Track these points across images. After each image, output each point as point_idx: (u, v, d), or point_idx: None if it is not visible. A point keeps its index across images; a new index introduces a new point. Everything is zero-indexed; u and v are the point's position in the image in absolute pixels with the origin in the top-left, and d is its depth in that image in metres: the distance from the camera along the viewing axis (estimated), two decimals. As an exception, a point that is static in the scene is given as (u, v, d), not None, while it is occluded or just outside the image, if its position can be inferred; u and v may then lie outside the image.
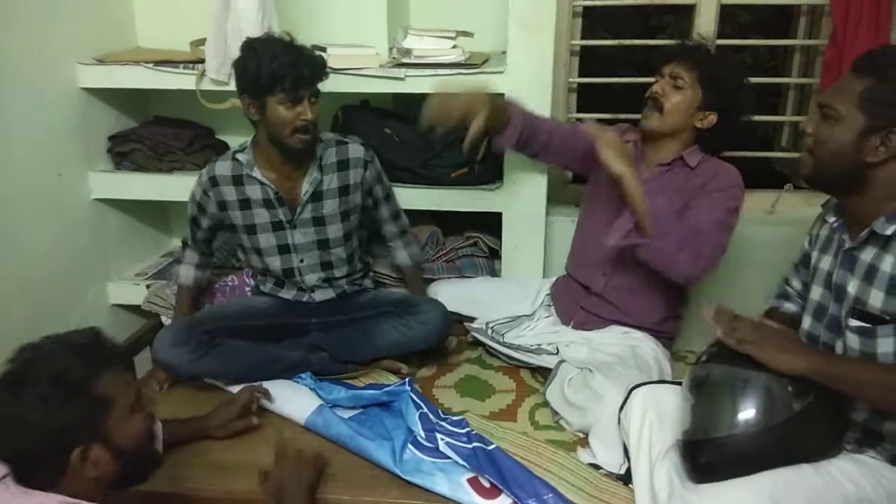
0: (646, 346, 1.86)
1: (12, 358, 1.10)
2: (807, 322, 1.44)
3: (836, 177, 1.31)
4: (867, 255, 1.29)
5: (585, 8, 2.33)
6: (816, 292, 1.42)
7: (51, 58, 2.10)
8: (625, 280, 1.88)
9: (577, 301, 1.98)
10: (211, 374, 1.85)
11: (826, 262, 1.40)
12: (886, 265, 1.24)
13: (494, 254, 2.38)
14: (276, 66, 1.70)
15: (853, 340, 1.30)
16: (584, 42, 2.33)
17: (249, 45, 1.76)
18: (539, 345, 1.97)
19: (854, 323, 1.29)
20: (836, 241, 1.38)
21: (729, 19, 3.16)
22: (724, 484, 1.27)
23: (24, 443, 1.06)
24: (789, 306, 1.62)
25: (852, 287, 1.31)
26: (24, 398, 1.05)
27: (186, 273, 2.08)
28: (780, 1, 2.46)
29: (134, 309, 2.43)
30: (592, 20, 3.18)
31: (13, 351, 1.11)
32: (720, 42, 2.23)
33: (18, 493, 1.06)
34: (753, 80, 1.89)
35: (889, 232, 1.25)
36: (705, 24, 2.21)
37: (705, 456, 1.30)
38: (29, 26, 2.00)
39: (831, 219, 1.40)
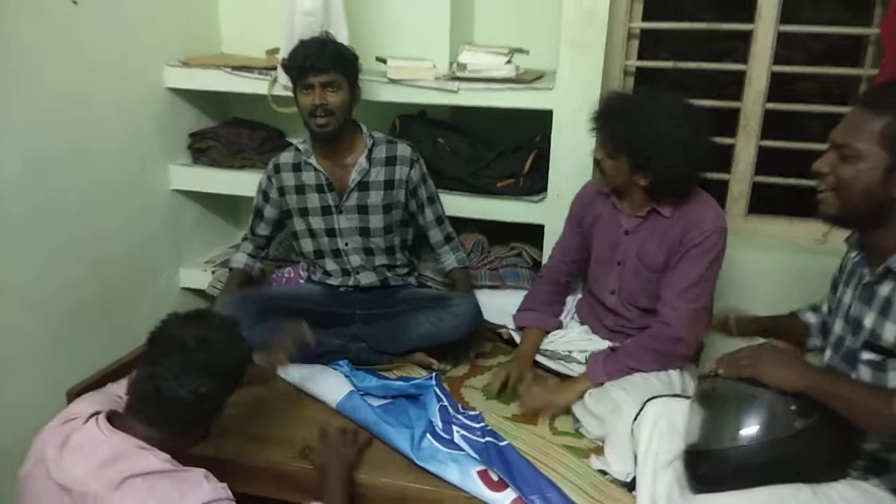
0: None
1: (195, 327, 1.32)
2: (827, 354, 1.44)
3: (864, 214, 1.31)
4: (884, 289, 1.29)
5: (649, 31, 2.37)
6: (838, 325, 1.41)
7: (140, 59, 2.34)
8: (636, 300, 1.92)
9: (601, 319, 2.02)
10: (258, 345, 1.98)
11: (847, 296, 1.40)
12: None
13: (538, 265, 2.44)
14: (291, 57, 1.94)
15: (865, 373, 1.30)
16: (639, 63, 2.37)
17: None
18: (570, 352, 2.01)
19: (867, 356, 1.29)
20: (858, 274, 1.38)
21: (800, 47, 3.11)
22: (720, 495, 1.30)
23: (193, 410, 1.28)
24: (810, 317, 1.63)
25: (868, 320, 1.31)
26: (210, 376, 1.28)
27: (238, 258, 2.26)
28: (835, 31, 2.43)
29: (201, 293, 2.62)
30: (657, 41, 3.20)
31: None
32: (776, 69, 2.23)
33: (106, 430, 1.23)
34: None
35: None
36: (761, 49, 2.22)
37: (705, 466, 1.33)
38: (121, 30, 2.23)
39: (852, 253, 1.41)
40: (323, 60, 1.93)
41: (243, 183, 2.51)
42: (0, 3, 1.81)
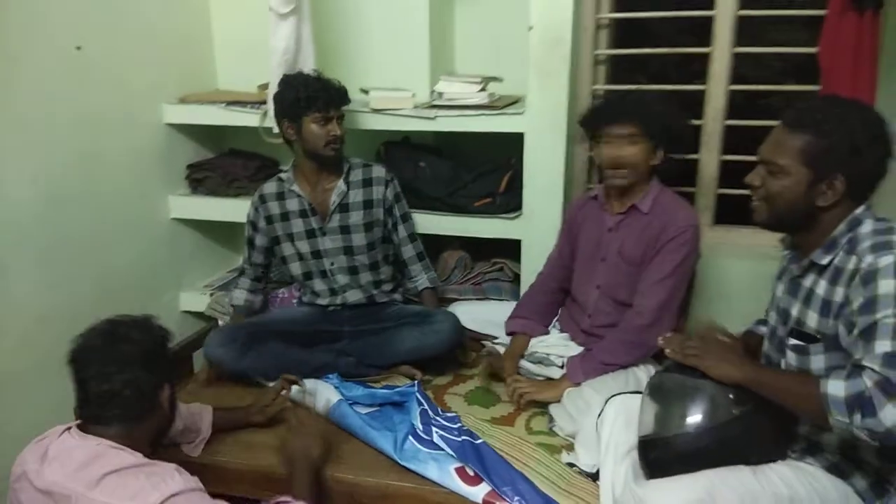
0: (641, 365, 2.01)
1: (102, 325, 1.44)
2: (765, 345, 1.58)
3: (791, 220, 1.46)
4: (808, 281, 1.44)
5: (614, 56, 2.54)
6: (772, 317, 1.56)
7: (141, 98, 2.52)
8: (616, 293, 2.06)
9: (578, 323, 2.15)
10: (251, 370, 2.14)
11: (780, 290, 1.54)
12: (821, 289, 1.39)
13: (518, 279, 2.57)
14: (311, 92, 2.11)
15: (792, 358, 1.44)
16: (605, 87, 2.52)
17: (285, 80, 2.18)
18: (548, 355, 2.14)
19: (792, 342, 1.44)
20: (788, 271, 1.52)
21: (766, 66, 3.27)
22: (669, 479, 1.42)
23: (132, 383, 1.37)
24: (763, 329, 1.76)
25: (795, 310, 1.45)
26: (131, 349, 1.39)
27: (239, 296, 2.41)
28: (784, 50, 2.55)
29: (200, 315, 2.77)
30: (637, 63, 3.36)
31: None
32: (733, 88, 2.38)
33: (79, 437, 1.35)
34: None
35: (824, 262, 1.39)
36: (719, 70, 2.36)
37: (655, 453, 1.45)
38: (122, 71, 2.41)
39: (785, 251, 1.55)
40: (342, 97, 2.18)
41: (239, 210, 2.64)
42: (12, 52, 1.99)
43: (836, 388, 1.24)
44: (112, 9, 2.32)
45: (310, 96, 2.10)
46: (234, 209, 2.69)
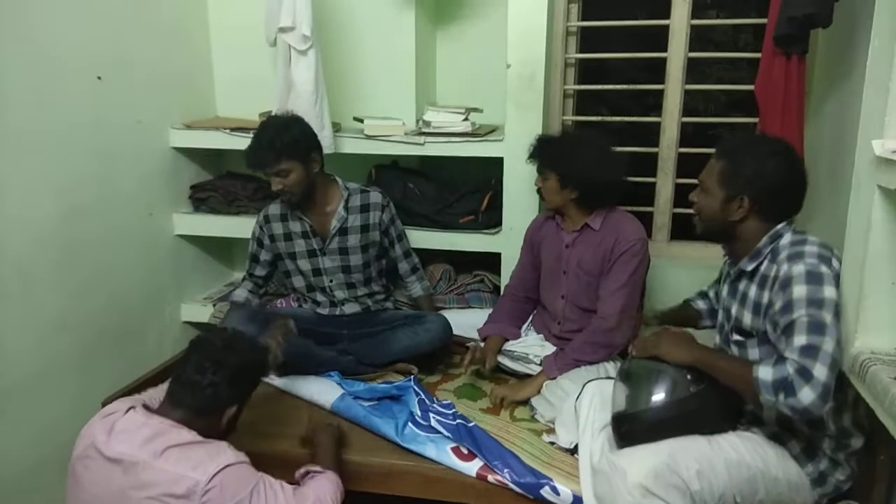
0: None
1: (223, 337, 1.68)
2: (718, 338, 1.88)
3: (717, 232, 1.78)
4: (742, 285, 1.75)
5: (580, 91, 2.86)
6: (720, 315, 1.87)
7: (150, 123, 2.73)
8: (580, 301, 2.33)
9: (549, 328, 2.42)
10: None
11: (724, 291, 1.85)
12: (752, 293, 1.69)
13: (497, 290, 2.84)
14: (246, 154, 2.31)
15: (735, 350, 1.75)
16: (574, 118, 2.84)
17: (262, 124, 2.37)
18: (527, 354, 2.40)
19: (735, 337, 1.74)
20: (728, 274, 1.84)
21: (714, 101, 3.65)
22: (638, 447, 1.68)
23: (213, 397, 1.59)
24: (700, 303, 2.08)
25: (734, 310, 1.76)
26: (227, 369, 1.60)
27: (239, 294, 2.59)
28: (728, 88, 2.89)
29: (200, 325, 2.96)
30: (599, 98, 3.71)
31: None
32: (684, 120, 2.71)
33: (144, 416, 1.55)
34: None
35: (750, 268, 1.70)
36: (672, 105, 2.69)
37: (626, 426, 1.72)
38: (135, 99, 2.63)
39: (725, 258, 1.85)
40: (266, 159, 2.26)
41: (238, 227, 2.88)
42: (41, 81, 2.19)
43: (765, 373, 1.52)
44: (125, 42, 2.55)
45: (246, 160, 2.31)
46: (235, 226, 2.91)
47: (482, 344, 2.43)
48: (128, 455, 1.47)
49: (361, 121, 2.71)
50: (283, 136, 2.25)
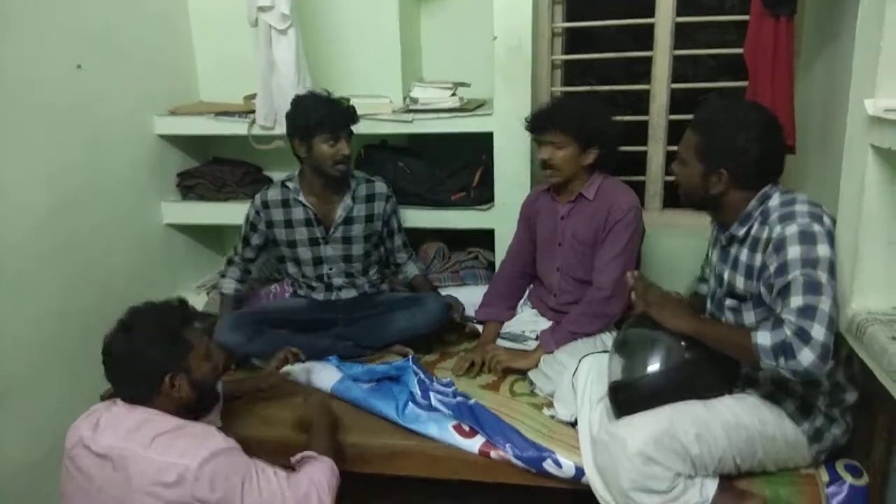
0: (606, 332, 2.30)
1: (125, 314, 1.60)
2: (709, 305, 1.88)
3: (698, 202, 1.77)
4: (733, 250, 1.74)
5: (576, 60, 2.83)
6: (712, 281, 1.86)
7: (134, 111, 2.69)
8: (575, 272, 2.32)
9: (546, 301, 2.42)
10: (258, 354, 2.34)
11: (715, 256, 1.84)
12: (743, 257, 1.69)
13: (492, 266, 2.83)
14: (321, 115, 2.26)
15: (729, 315, 1.75)
16: (562, 88, 2.81)
17: (298, 101, 2.34)
18: (523, 331, 2.40)
19: (728, 302, 1.74)
20: (718, 240, 1.82)
21: (704, 64, 3.62)
22: (636, 415, 1.69)
23: (132, 370, 1.55)
24: (703, 288, 2.06)
25: (727, 275, 1.75)
26: (135, 338, 1.55)
27: (228, 285, 2.56)
28: (718, 52, 2.90)
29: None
30: (585, 67, 3.67)
31: (125, 309, 1.62)
32: (674, 86, 2.69)
33: (126, 408, 1.55)
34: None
35: (740, 234, 1.70)
36: (660, 71, 2.67)
37: (623, 394, 1.73)
38: (117, 87, 2.58)
39: (713, 225, 1.84)
40: (350, 117, 2.31)
41: (228, 213, 2.85)
42: (22, 72, 2.15)
43: (763, 338, 1.51)
44: (105, 29, 2.50)
45: (320, 120, 2.25)
46: (223, 212, 2.88)
47: (479, 326, 2.44)
48: (115, 449, 1.46)
49: (347, 100, 2.67)
50: (349, 106, 2.34)
